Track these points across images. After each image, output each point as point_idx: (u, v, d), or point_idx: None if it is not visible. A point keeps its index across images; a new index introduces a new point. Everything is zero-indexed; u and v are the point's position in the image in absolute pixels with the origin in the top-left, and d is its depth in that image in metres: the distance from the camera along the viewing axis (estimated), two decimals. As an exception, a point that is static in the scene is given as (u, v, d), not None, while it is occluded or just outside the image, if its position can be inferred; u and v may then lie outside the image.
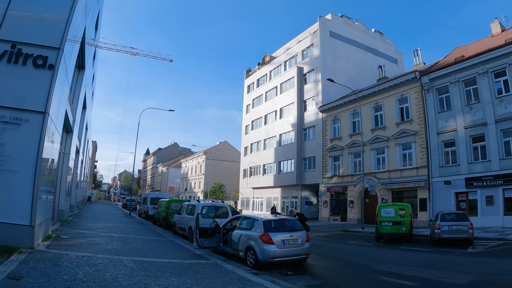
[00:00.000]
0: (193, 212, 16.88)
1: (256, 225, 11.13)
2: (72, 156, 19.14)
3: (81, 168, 33.08)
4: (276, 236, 10.62)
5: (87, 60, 19.17)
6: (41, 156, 8.88)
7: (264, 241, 10.45)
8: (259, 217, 11.57)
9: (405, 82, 31.38)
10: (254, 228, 11.10)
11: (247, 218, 12.24)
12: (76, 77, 18.39)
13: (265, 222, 11.05)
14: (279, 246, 10.54)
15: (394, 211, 19.60)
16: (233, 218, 13.07)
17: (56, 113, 10.57)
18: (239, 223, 12.18)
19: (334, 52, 44.46)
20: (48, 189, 11.16)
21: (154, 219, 25.66)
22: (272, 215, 14.77)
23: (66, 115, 13.84)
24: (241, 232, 11.62)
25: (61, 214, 16.77)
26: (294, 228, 11.46)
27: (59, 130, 11.73)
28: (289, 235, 10.94)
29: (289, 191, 45.63)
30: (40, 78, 9.40)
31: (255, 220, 11.46)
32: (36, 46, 9.58)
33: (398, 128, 31.50)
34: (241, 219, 12.35)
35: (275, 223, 11.38)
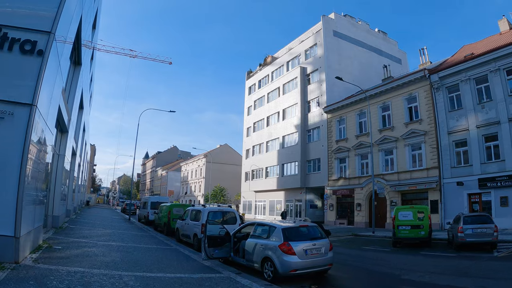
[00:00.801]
0: (198, 217, 15.65)
1: (274, 233, 9.84)
2: (67, 158, 17.87)
3: (79, 171, 31.78)
4: (297, 245, 9.35)
5: (84, 56, 17.96)
6: (27, 156, 7.63)
7: (284, 251, 9.18)
8: (277, 224, 10.28)
9: (413, 80, 30.47)
10: (272, 237, 9.82)
11: (262, 225, 10.94)
12: (72, 73, 17.23)
13: (284, 229, 9.76)
14: (301, 256, 9.27)
15: (412, 214, 18.56)
16: (245, 225, 11.76)
17: (47, 108, 9.33)
18: (253, 231, 10.88)
19: (338, 52, 43.51)
20: (39, 194, 9.93)
21: (155, 225, 24.38)
22: (286, 221, 13.49)
23: (60, 112, 12.60)
24: (256, 241, 10.35)
25: (56, 220, 15.49)
26: (316, 235, 10.21)
27: (51, 128, 10.49)
28: (312, 244, 9.68)
29: (293, 194, 44.44)
30: (27, 66, 8.19)
31: (272, 227, 10.16)
32: (24, 30, 8.38)
33: (407, 128, 30.57)
34: (255, 226, 11.02)
35: (296, 231, 10.09)
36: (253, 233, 10.77)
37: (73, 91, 16.95)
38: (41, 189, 10.34)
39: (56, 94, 10.65)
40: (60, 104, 12.18)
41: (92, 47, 29.23)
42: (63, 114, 13.72)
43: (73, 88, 17.00)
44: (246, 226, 11.66)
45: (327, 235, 10.60)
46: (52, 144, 13.20)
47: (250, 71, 61.51)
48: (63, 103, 13.23)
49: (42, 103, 8.57)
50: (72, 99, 16.82)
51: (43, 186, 10.80)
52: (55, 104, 10.96)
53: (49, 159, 12.44)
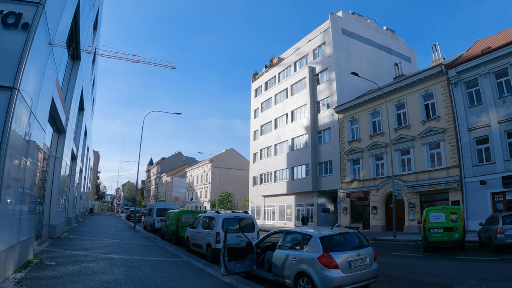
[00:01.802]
0: (211, 225, 14.01)
1: (310, 242, 8.14)
2: (66, 162, 16.30)
3: (80, 177, 30.22)
4: (339, 256, 7.69)
5: (83, 50, 16.46)
6: (6, 151, 6.04)
7: (324, 264, 7.51)
8: (312, 232, 8.55)
9: (429, 76, 29.26)
10: (307, 247, 8.13)
11: (293, 233, 9.24)
12: (70, 68, 15.75)
13: (323, 238, 8.06)
14: (344, 270, 7.61)
15: (444, 215, 17.05)
16: (270, 233, 10.00)
17: (34, 96, 7.77)
18: (283, 240, 9.16)
19: (347, 50, 42.19)
20: (28, 201, 8.36)
21: (162, 233, 22.77)
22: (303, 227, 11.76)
23: (54, 107, 11.06)
24: (287, 252, 8.65)
25: (53, 230, 13.87)
26: (358, 244, 8.55)
27: (41, 123, 8.91)
28: (356, 254, 8.01)
29: (304, 198, 42.82)
30: (9, 42, 6.71)
31: (307, 235, 8.45)
32: (7, 1, 6.89)
33: (424, 126, 29.29)
34: (284, 235, 9.28)
35: (336, 239, 8.42)
36: (283, 243, 9.07)
37: (71, 88, 15.45)
38: (31, 195, 8.77)
39: (48, 83, 9.09)
40: (54, 97, 10.63)
41: (94, 48, 27.92)
42: (59, 111, 12.17)
43: (71, 85, 15.51)
44: (271, 235, 9.94)
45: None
46: (46, 144, 11.67)
47: (256, 73, 60.21)
48: (59, 97, 11.68)
49: (28, 88, 7.03)
50: (71, 97, 15.31)
51: (34, 192, 9.22)
52: (47, 95, 9.39)
53: (42, 161, 10.90)
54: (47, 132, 12.31)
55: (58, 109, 12.04)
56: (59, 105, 11.97)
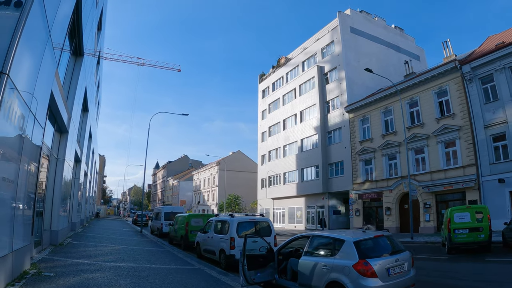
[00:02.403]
0: (225, 230, 13.06)
1: (342, 248, 7.13)
2: (69, 164, 15.44)
3: (85, 180, 29.38)
4: (377, 263, 6.70)
5: (87, 46, 15.63)
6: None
7: (361, 272, 6.52)
8: (343, 235, 7.54)
9: (443, 73, 28.48)
10: (340, 253, 7.12)
11: (321, 237, 8.22)
12: (73, 65, 14.92)
13: (358, 242, 7.06)
14: (383, 278, 6.62)
15: (469, 215, 16.14)
16: (293, 238, 8.93)
17: (29, 86, 6.89)
18: (309, 246, 8.11)
19: (356, 49, 41.45)
20: (22, 205, 7.46)
21: (170, 238, 21.85)
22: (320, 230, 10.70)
23: (54, 102, 10.19)
24: (315, 259, 7.63)
25: (54, 236, 12.95)
26: (395, 248, 7.56)
27: (38, 117, 8.00)
28: (394, 260, 7.03)
29: (314, 200, 41.83)
30: None
31: (338, 240, 7.43)
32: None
33: (438, 124, 28.45)
34: (311, 239, 8.21)
35: (372, 243, 7.41)
36: (309, 249, 8.03)
37: (74, 86, 14.59)
38: (27, 199, 7.88)
39: (45, 74, 8.20)
40: (55, 93, 9.75)
41: (98, 49, 27.17)
42: (60, 108, 11.30)
43: (74, 82, 14.66)
44: (295, 240, 8.91)
45: None
46: (46, 144, 10.81)
47: (263, 74, 59.45)
48: (59, 93, 10.81)
49: (20, 76, 6.16)
50: (73, 95, 14.45)
51: (30, 195, 8.33)
52: (45, 88, 8.50)
53: (42, 162, 10.02)
54: (47, 131, 11.44)
55: (59, 107, 11.18)
56: (59, 102, 11.11)
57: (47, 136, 11.35)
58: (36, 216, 10.24)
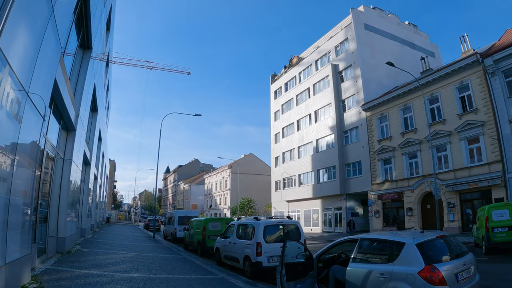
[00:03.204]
0: (249, 234, 11.85)
1: (403, 252, 5.86)
2: (77, 166, 14.35)
3: (95, 184, 28.37)
4: (445, 268, 5.50)
5: (95, 36, 14.59)
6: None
7: (429, 280, 5.30)
8: (402, 237, 6.26)
9: (464, 67, 27.30)
10: (400, 258, 5.86)
11: (372, 240, 6.99)
12: (81, 58, 13.92)
13: (421, 244, 5.83)
14: (452, 285, 5.43)
15: (508, 212, 15.01)
16: (336, 243, 7.59)
17: (27, 67, 5.81)
18: (357, 251, 6.83)
19: (371, 46, 40.31)
20: (21, 209, 6.35)
21: (185, 243, 20.70)
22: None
23: (58, 93, 9.11)
24: (368, 267, 6.37)
25: (61, 243, 11.83)
26: (458, 250, 6.35)
27: (39, 107, 6.89)
28: (462, 263, 5.83)
29: (331, 202, 40.58)
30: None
31: (395, 243, 6.18)
32: None
33: (460, 120, 27.30)
34: (359, 244, 6.91)
35: (435, 246, 6.16)
36: (358, 255, 6.75)
37: (82, 81, 13.57)
38: (26, 202, 6.77)
39: (47, 54, 7.11)
40: (59, 81, 8.68)
41: (107, 50, 26.28)
42: (66, 102, 10.23)
43: (82, 77, 13.64)
44: (338, 244, 7.58)
45: None
46: (50, 141, 9.75)
47: (275, 75, 58.46)
48: (65, 84, 9.75)
49: (14, 48, 5.09)
50: (81, 90, 13.41)
51: (30, 198, 7.21)
52: (47, 72, 7.40)
53: (46, 161, 8.94)
54: (52, 128, 10.41)
55: (65, 101, 10.12)
56: (66, 96, 10.05)
57: (52, 132, 10.31)
58: (40, 221, 9.17)
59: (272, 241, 11.29)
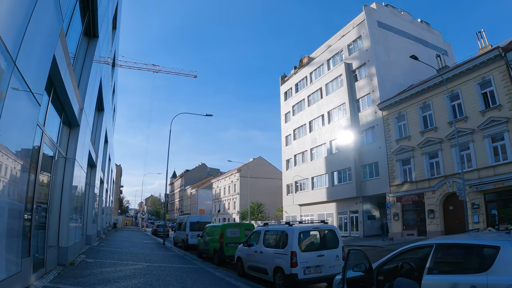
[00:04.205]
0: (280, 242, 10.30)
1: (499, 258, 4.37)
2: (81, 166, 12.95)
3: (102, 188, 26.97)
4: None
5: (102, 26, 13.28)
6: None
7: None
8: (491, 240, 4.88)
9: (486, 62, 26.10)
10: (497, 266, 4.29)
11: (452, 246, 5.54)
12: (86, 47, 12.62)
13: None
14: None
15: None
16: (402, 250, 6.03)
17: (15, 34, 4.41)
18: (433, 259, 5.33)
19: (384, 44, 39.03)
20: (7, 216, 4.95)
21: (199, 251, 19.15)
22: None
23: (59, 77, 7.81)
24: (452, 279, 4.86)
25: (63, 253, 10.35)
26: None
27: (32, 87, 5.48)
28: None
29: (346, 205, 39.10)
30: None
31: (487, 247, 4.77)
32: None
33: (483, 117, 26.06)
34: (435, 250, 5.41)
35: None
36: (434, 264, 5.26)
37: (86, 72, 12.28)
38: (14, 208, 5.38)
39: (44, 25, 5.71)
40: (59, 63, 7.32)
41: (113, 49, 25.02)
42: (68, 91, 8.90)
43: (86, 68, 12.35)
44: (405, 252, 6.03)
45: None
46: (48, 134, 8.37)
47: (284, 76, 57.24)
48: (66, 68, 8.38)
49: None
50: (86, 83, 12.10)
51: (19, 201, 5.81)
52: (44, 44, 6.03)
53: (39, 155, 7.53)
54: (52, 121, 9.04)
55: (67, 89, 8.79)
56: (68, 83, 8.71)
57: (51, 126, 8.93)
58: (37, 229, 7.72)
59: (308, 249, 9.82)
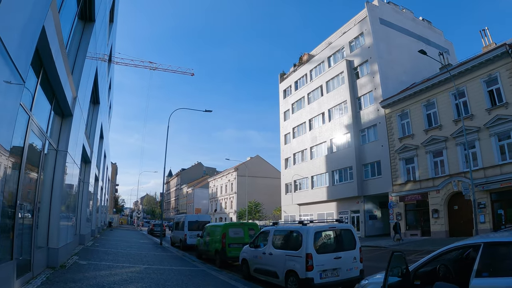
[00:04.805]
0: (293, 243, 9.40)
1: None
2: (75, 161, 11.98)
3: (96, 186, 25.95)
4: None
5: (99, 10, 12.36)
6: None
7: None
8: None
9: (492, 59, 25.61)
10: None
11: (502, 244, 4.61)
12: (81, 31, 11.78)
13: None
14: None
15: None
16: (442, 251, 5.12)
17: None
18: (482, 260, 4.45)
19: (387, 41, 38.29)
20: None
21: (199, 252, 18.21)
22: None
23: (49, 55, 6.92)
24: (506, 283, 4.06)
25: (53, 255, 9.31)
26: None
27: (10, 51, 4.54)
28: None
29: (347, 205, 38.40)
30: None
31: None
32: None
33: (490, 115, 25.55)
34: (482, 251, 4.55)
35: None
36: (483, 266, 4.28)
37: (81, 58, 11.39)
38: None
39: None
40: (49, 34, 6.39)
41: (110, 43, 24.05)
42: (60, 75, 7.99)
43: (81, 54, 11.47)
44: (450, 251, 5.11)
45: None
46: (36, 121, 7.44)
47: (283, 73, 56.40)
48: (58, 47, 7.50)
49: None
50: (80, 69, 11.19)
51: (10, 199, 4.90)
52: (30, 12, 5.10)
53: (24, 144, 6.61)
54: (41, 107, 8.15)
55: (59, 71, 7.90)
56: (60, 66, 7.85)
57: (40, 112, 8.00)
58: (22, 229, 6.76)
59: (324, 251, 8.96)
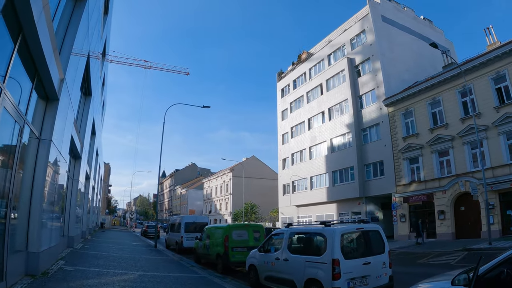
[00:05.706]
0: (315, 248, 8.16)
1: None
2: (61, 153, 10.62)
3: (88, 185, 24.50)
4: None
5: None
6: None
7: None
8: None
9: (500, 56, 25.05)
10: None
11: None
12: (72, 8, 10.46)
13: None
14: None
15: None
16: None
17: None
18: None
19: (389, 39, 37.42)
20: None
21: (197, 255, 16.79)
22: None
23: (27, 9, 5.56)
24: None
25: (34, 260, 7.85)
26: None
27: None
28: None
29: (348, 206, 37.38)
30: None
31: None
32: None
33: (498, 113, 24.80)
34: None
35: None
36: None
37: (70, 38, 10.12)
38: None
39: None
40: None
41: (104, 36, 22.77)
42: (44, 46, 6.74)
43: (70, 33, 10.21)
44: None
45: None
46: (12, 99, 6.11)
47: (281, 72, 55.40)
48: (42, 11, 6.25)
49: None
50: (69, 50, 9.94)
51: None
52: None
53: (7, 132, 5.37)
54: (19, 84, 6.85)
55: (42, 43, 6.72)
56: (43, 33, 6.66)
57: (17, 91, 6.65)
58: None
59: (351, 256, 7.73)
